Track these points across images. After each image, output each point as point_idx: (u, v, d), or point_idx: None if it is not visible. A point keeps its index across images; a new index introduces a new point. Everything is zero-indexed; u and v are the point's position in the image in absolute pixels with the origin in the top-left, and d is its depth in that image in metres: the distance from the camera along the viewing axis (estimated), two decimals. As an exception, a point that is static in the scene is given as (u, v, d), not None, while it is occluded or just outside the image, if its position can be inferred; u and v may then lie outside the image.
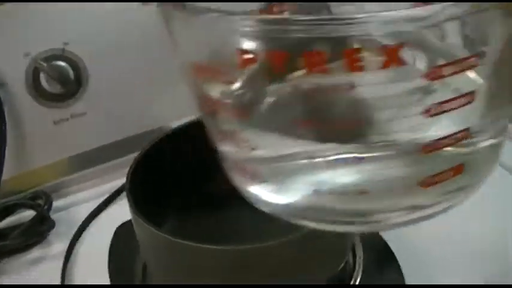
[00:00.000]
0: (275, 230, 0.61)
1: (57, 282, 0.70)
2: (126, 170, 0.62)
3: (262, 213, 0.65)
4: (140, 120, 0.87)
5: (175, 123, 0.78)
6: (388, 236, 0.66)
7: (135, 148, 0.79)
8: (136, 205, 0.55)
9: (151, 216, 0.55)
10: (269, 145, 0.40)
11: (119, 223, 0.73)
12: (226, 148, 0.43)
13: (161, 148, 0.64)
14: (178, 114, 0.84)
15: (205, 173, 0.66)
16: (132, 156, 0.78)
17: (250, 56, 0.33)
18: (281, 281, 0.52)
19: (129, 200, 0.55)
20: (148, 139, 0.67)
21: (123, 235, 0.68)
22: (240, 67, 0.34)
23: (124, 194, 0.80)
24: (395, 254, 0.65)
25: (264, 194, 0.43)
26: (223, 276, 0.52)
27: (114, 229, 0.73)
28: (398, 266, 0.63)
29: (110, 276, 0.65)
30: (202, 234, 0.60)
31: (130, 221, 0.60)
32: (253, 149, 0.39)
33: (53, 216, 0.80)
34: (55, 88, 0.79)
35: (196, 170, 0.66)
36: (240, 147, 0.40)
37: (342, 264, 0.59)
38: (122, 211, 0.72)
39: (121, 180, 0.81)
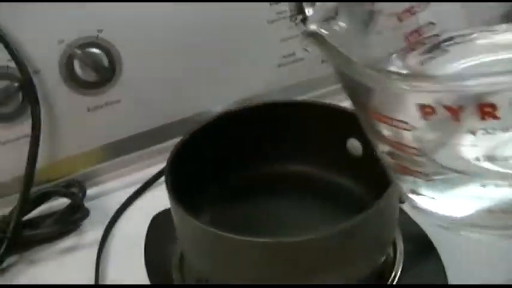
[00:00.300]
0: (313, 223, 0.61)
1: (92, 271, 0.70)
2: (160, 158, 0.62)
3: (301, 204, 0.64)
4: (175, 108, 0.85)
5: (211, 111, 0.78)
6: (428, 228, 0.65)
7: (169, 136, 0.79)
8: (176, 194, 0.54)
9: (189, 205, 0.54)
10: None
11: (153, 212, 0.72)
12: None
13: (201, 136, 0.63)
14: (213, 102, 0.84)
15: (244, 162, 0.66)
16: (166, 144, 0.78)
17: (430, 109, 0.36)
18: (324, 275, 0.51)
19: (168, 189, 0.55)
20: (182, 127, 0.66)
21: (159, 224, 0.67)
22: (423, 118, 0.37)
23: (158, 182, 0.80)
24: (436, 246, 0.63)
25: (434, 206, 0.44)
26: (262, 269, 0.51)
27: (148, 218, 0.72)
28: (439, 258, 0.61)
29: (146, 266, 0.64)
30: (241, 225, 0.60)
31: (166, 210, 0.59)
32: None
33: (87, 204, 0.79)
34: (89, 75, 0.78)
35: (236, 159, 0.65)
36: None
37: (384, 257, 0.57)
38: (156, 200, 0.73)
39: (155, 168, 0.81)
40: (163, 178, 0.63)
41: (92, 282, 0.69)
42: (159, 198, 0.64)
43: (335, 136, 0.64)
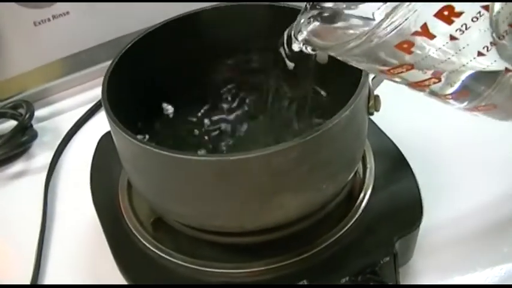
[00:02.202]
0: (272, 137, 0.55)
1: (40, 195, 0.66)
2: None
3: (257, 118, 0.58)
4: (131, 19, 0.78)
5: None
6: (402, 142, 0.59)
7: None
8: (114, 110, 0.48)
9: (131, 122, 0.49)
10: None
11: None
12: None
13: (139, 50, 0.56)
14: (173, 10, 0.77)
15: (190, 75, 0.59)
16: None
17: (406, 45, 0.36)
18: (283, 196, 0.46)
19: (105, 106, 0.48)
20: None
21: (107, 145, 0.61)
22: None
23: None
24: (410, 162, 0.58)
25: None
26: (206, 187, 0.45)
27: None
28: (413, 175, 0.56)
29: (92, 193, 0.59)
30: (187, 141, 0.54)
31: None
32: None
33: (36, 126, 0.75)
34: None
35: (180, 71, 0.59)
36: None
37: (352, 174, 0.52)
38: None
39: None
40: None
41: (41, 208, 0.64)
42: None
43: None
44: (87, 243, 0.60)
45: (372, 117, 0.52)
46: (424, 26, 0.34)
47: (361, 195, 0.55)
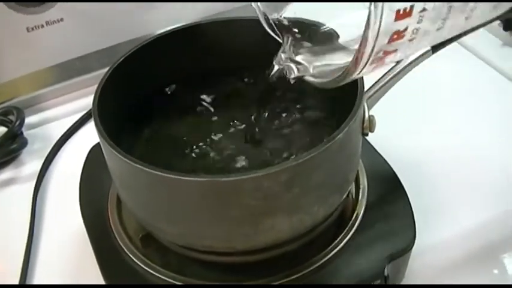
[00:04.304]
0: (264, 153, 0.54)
1: (28, 204, 0.65)
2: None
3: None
4: (124, 27, 0.78)
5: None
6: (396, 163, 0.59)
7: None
8: (104, 124, 0.47)
9: (122, 137, 0.49)
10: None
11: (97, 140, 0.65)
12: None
13: (133, 62, 0.55)
14: (167, 20, 0.76)
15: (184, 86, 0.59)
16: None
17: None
18: (274, 218, 0.45)
19: (95, 121, 0.47)
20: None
21: (97, 156, 0.60)
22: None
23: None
24: (404, 184, 0.57)
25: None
26: (196, 207, 0.45)
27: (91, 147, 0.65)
28: (406, 197, 0.55)
29: (81, 205, 0.58)
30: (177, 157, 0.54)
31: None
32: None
33: (26, 133, 0.74)
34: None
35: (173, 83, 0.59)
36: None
37: (344, 196, 0.51)
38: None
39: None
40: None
41: (28, 218, 0.63)
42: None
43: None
44: (75, 255, 0.59)
45: (365, 134, 0.51)
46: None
47: (353, 216, 0.54)
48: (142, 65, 0.55)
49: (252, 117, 0.55)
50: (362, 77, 0.49)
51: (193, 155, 0.54)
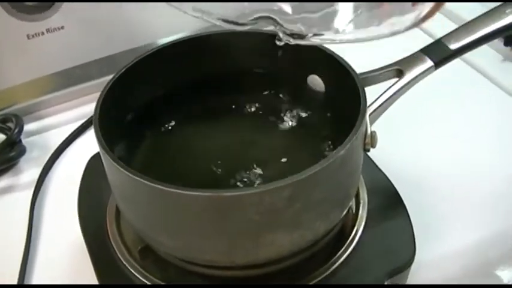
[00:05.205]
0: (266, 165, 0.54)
1: (26, 213, 0.64)
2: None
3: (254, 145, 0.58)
4: (125, 36, 0.78)
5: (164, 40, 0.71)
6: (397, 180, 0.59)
7: (118, 68, 0.72)
8: (105, 137, 0.46)
9: (122, 148, 0.49)
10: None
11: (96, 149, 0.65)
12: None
13: (133, 74, 0.55)
14: (168, 29, 0.77)
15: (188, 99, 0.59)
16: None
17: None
18: (274, 234, 0.45)
19: (96, 133, 0.47)
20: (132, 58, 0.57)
21: (97, 166, 0.60)
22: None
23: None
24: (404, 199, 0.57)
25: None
26: (196, 221, 0.44)
27: (90, 156, 0.65)
28: (407, 214, 0.55)
29: (79, 216, 0.58)
30: (180, 171, 0.53)
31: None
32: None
33: (25, 141, 0.73)
34: (28, -2, 0.70)
35: (176, 95, 0.58)
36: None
37: (345, 212, 0.51)
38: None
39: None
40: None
41: (26, 227, 0.63)
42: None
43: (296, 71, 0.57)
44: (72, 264, 0.59)
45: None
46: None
47: (353, 231, 0.54)
48: (144, 75, 0.55)
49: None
50: (364, 92, 0.49)
51: (194, 165, 0.54)
